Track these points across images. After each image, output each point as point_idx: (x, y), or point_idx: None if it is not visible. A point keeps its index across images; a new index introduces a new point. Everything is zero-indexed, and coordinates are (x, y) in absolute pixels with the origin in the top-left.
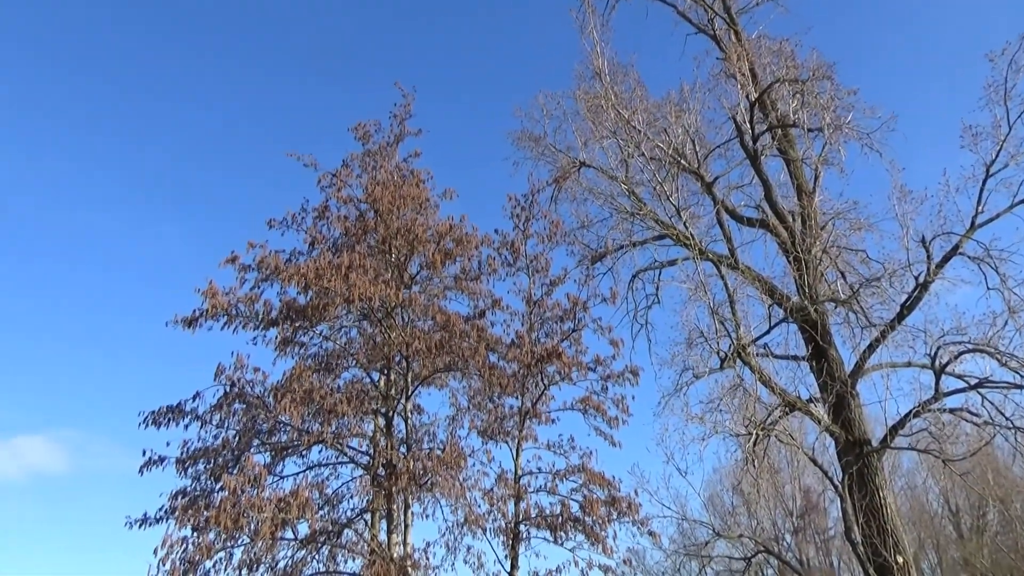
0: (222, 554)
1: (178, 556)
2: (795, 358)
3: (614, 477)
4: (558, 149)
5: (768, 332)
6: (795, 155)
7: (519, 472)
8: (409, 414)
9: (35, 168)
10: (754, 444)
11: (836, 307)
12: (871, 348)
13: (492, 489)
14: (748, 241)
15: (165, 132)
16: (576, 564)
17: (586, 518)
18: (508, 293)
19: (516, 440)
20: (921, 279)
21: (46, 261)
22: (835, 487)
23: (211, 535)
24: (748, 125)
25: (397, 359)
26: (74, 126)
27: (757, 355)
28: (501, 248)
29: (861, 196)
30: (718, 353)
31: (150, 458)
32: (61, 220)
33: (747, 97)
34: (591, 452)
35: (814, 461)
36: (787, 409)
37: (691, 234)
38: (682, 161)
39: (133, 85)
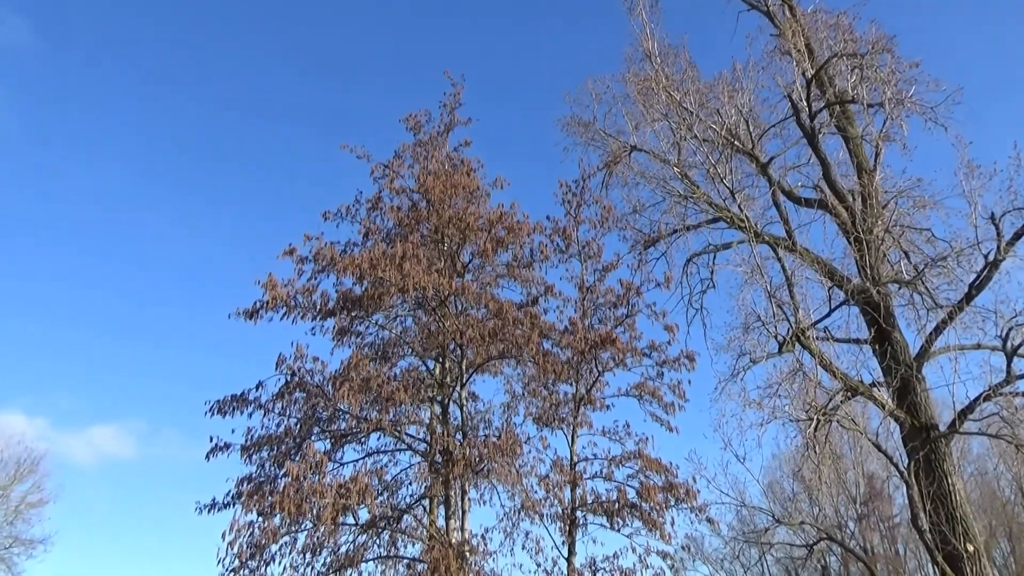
0: (287, 538)
1: (245, 540)
2: (857, 341)
3: (671, 463)
4: (608, 134)
5: (828, 315)
6: (854, 132)
7: (575, 458)
8: (464, 401)
9: (95, 172)
10: (815, 429)
11: (900, 288)
12: (937, 330)
13: (548, 475)
14: (806, 223)
15: (221, 136)
16: (634, 550)
17: (643, 504)
18: (560, 280)
19: (571, 427)
20: (991, 257)
21: (116, 263)
22: (901, 473)
23: (276, 520)
24: (805, 103)
25: (451, 347)
26: (127, 128)
27: (817, 339)
28: (553, 235)
29: (925, 173)
30: (776, 337)
31: (216, 444)
32: (125, 222)
33: (803, 74)
34: (647, 438)
35: (878, 447)
36: (849, 394)
37: (746, 216)
38: (736, 142)
39: (182, 85)
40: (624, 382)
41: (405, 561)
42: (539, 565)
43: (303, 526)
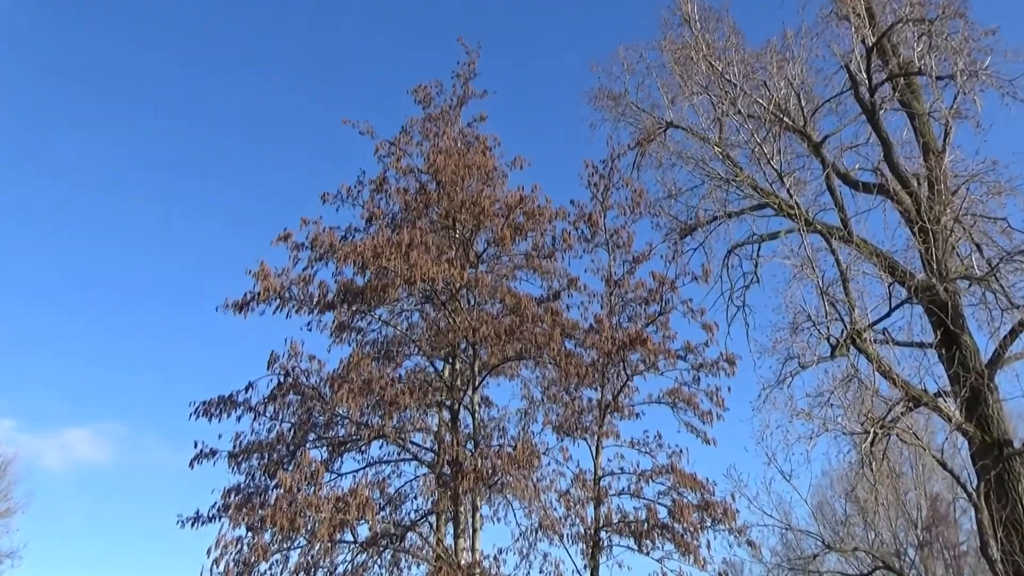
0: (278, 556)
1: (232, 557)
2: (920, 345)
3: (707, 479)
4: (641, 108)
5: (888, 315)
6: (921, 108)
7: (599, 472)
8: (476, 407)
9: (68, 147)
10: (871, 444)
11: (970, 285)
12: (1013, 333)
13: (569, 491)
14: (864, 210)
15: (204, 105)
16: None
17: (675, 525)
18: (586, 272)
19: (596, 437)
20: None
21: (94, 248)
22: (969, 495)
23: (267, 536)
24: (864, 74)
25: (463, 346)
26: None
27: (875, 342)
28: (577, 221)
29: (1001, 155)
30: (828, 339)
31: (201, 451)
32: (103, 203)
33: (863, 42)
34: (681, 451)
35: (943, 464)
36: (911, 404)
37: (796, 202)
38: (785, 119)
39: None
40: (656, 387)
41: None
42: None
43: (296, 543)
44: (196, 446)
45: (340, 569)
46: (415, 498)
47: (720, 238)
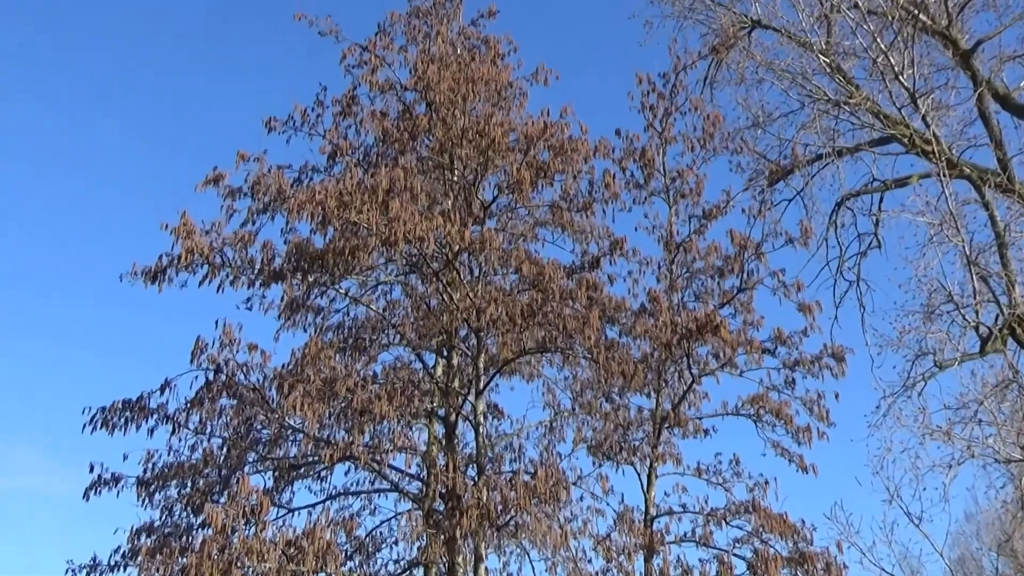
0: None
1: None
2: None
3: (803, 522)
4: (717, 0)
5: None
6: None
7: (652, 511)
8: (481, 418)
9: None
10: None
11: None
12: None
13: (610, 536)
14: None
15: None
16: None
17: None
18: (636, 231)
19: (647, 461)
20: None
21: None
22: None
23: None
24: None
25: (463, 333)
26: None
27: None
28: (625, 160)
29: None
30: (977, 328)
31: (99, 476)
32: None
33: None
34: (767, 482)
35: None
36: None
37: (935, 135)
38: (921, 16)
39: None
40: (732, 393)
41: None
42: None
43: None
44: (92, 470)
45: None
46: (395, 543)
47: (826, 185)
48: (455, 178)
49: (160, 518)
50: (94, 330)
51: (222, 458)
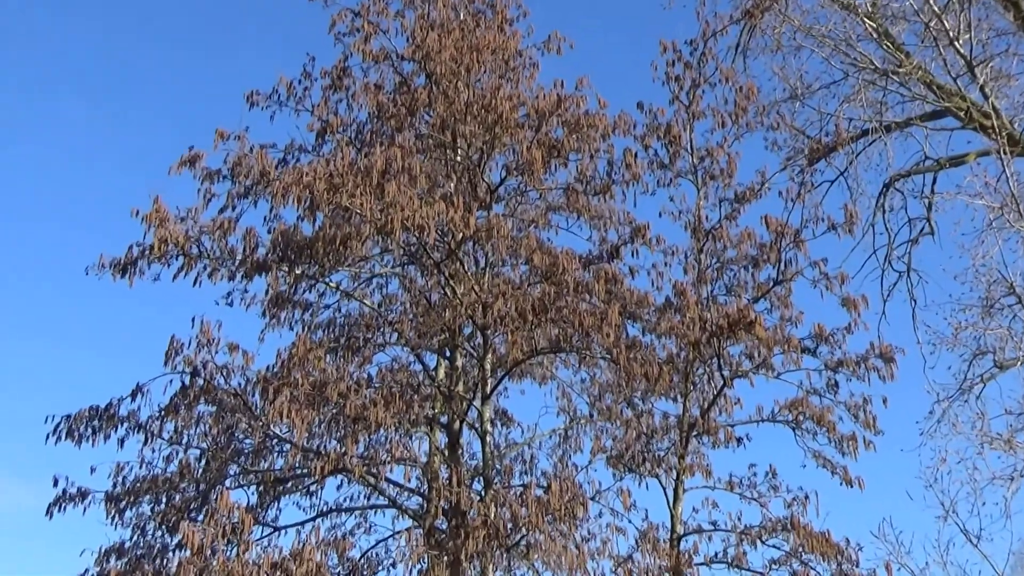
0: None
1: None
2: None
3: (848, 541)
4: None
5: None
6: None
7: (679, 529)
8: (489, 426)
9: None
10: None
11: None
12: None
13: (632, 557)
14: None
15: None
16: None
17: None
18: (661, 217)
19: (674, 473)
20: None
21: None
22: None
23: None
24: None
25: (468, 331)
26: None
27: None
28: (648, 137)
29: None
30: None
31: (64, 491)
32: None
33: None
34: (807, 496)
35: None
36: None
37: (994, 107)
38: None
39: None
40: (767, 397)
41: None
42: None
43: None
44: (56, 484)
45: None
46: (393, 566)
47: (873, 164)
48: (458, 158)
49: (131, 538)
50: (56, 329)
51: (200, 471)
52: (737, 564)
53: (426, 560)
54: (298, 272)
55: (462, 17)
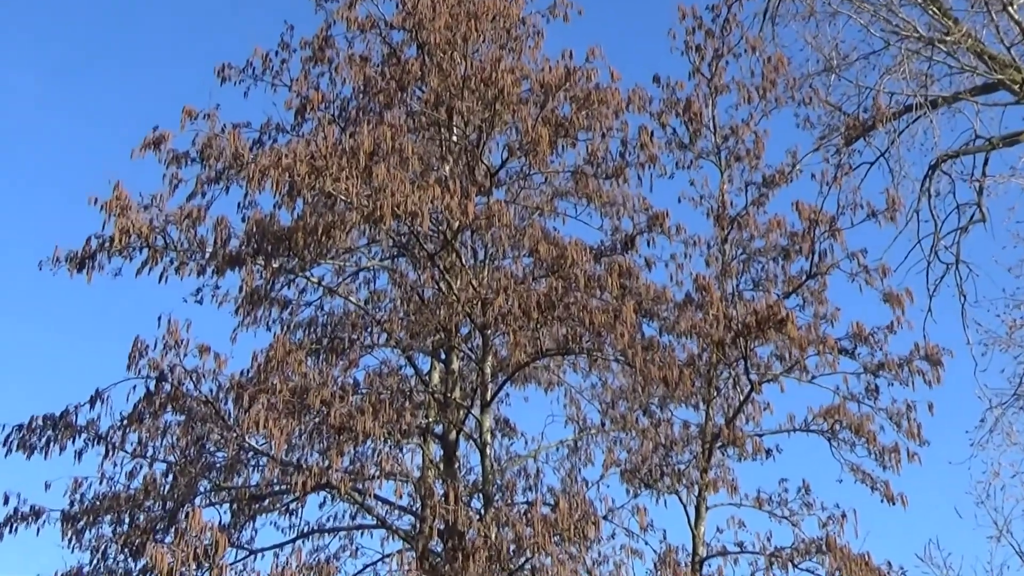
0: None
1: None
2: None
3: (890, 565)
4: None
5: None
6: None
7: (701, 551)
8: (489, 436)
9: None
10: None
11: None
12: None
13: None
14: None
15: None
16: None
17: None
18: (680, 203)
19: (696, 489)
20: None
21: None
22: None
23: None
24: None
25: (465, 331)
26: None
27: None
28: (666, 114)
29: None
30: None
31: (16, 510)
32: None
33: None
34: (844, 514)
35: None
36: None
37: None
38: None
39: None
40: (800, 404)
41: None
42: None
43: None
44: (7, 501)
45: None
46: None
47: (917, 144)
48: (454, 138)
49: (91, 561)
50: (6, 330)
51: (167, 487)
52: None
53: None
54: (276, 266)
55: None
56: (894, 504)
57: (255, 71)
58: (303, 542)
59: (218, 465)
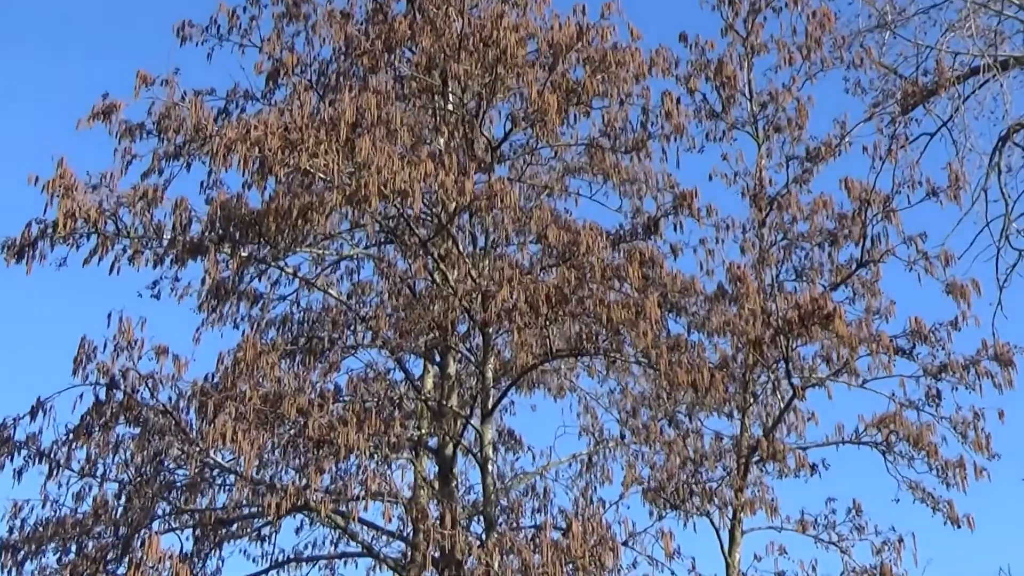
0: None
1: None
2: None
3: None
4: None
5: None
6: None
7: None
8: (490, 450)
9: None
10: None
11: None
12: None
13: None
14: None
15: None
16: None
17: None
18: (711, 180)
19: (730, 510)
20: None
21: None
22: None
23: None
24: None
25: (464, 329)
26: None
27: None
28: (695, 78)
29: None
30: None
31: None
32: None
33: None
34: (900, 539)
35: None
36: None
37: None
38: None
39: None
40: (850, 412)
41: None
42: None
43: None
44: None
45: None
46: None
47: (984, 113)
48: (450, 106)
49: None
50: None
51: (120, 510)
52: None
53: None
54: (244, 254)
55: None
56: (959, 527)
57: (220, 30)
58: (277, 573)
59: (178, 484)
